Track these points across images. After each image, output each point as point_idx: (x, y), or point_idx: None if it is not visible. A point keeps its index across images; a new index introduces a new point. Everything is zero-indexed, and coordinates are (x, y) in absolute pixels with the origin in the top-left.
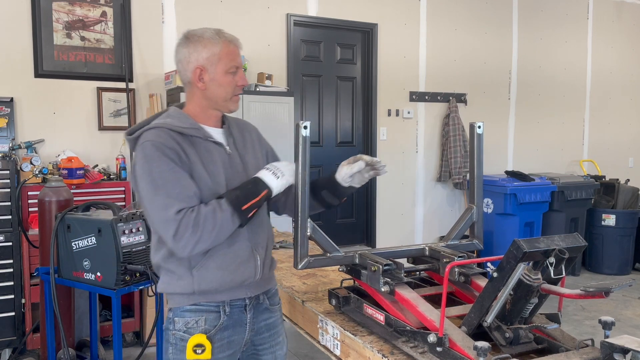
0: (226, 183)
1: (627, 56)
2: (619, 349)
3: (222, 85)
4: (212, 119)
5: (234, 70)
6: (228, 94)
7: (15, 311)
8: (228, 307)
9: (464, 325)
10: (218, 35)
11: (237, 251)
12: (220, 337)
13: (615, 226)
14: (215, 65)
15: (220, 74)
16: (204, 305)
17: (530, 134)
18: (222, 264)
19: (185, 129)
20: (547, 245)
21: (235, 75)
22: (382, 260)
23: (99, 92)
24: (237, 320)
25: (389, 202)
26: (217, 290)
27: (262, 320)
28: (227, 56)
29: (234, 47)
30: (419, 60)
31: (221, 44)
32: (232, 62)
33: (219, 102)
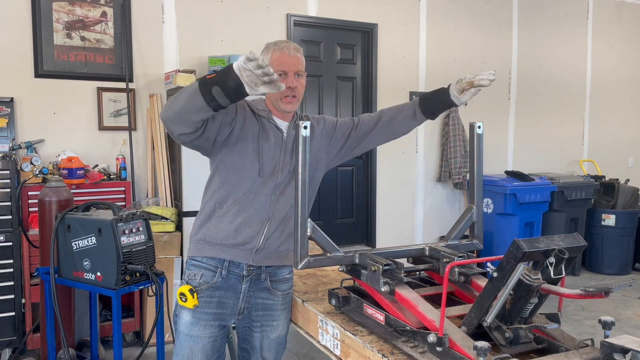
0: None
1: (627, 56)
2: (619, 349)
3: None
4: (279, 113)
5: (280, 74)
6: (277, 95)
7: (15, 311)
8: (225, 270)
9: (464, 325)
10: (275, 44)
11: (252, 213)
12: (210, 294)
13: (615, 226)
14: None
15: None
16: (205, 263)
17: (530, 134)
18: (233, 218)
19: (257, 110)
20: (547, 245)
21: (285, 79)
22: (382, 260)
23: (99, 92)
24: (231, 285)
25: (389, 202)
26: (221, 243)
27: (258, 297)
28: (275, 61)
29: (283, 55)
30: (419, 60)
31: (271, 51)
32: (277, 67)
33: (273, 101)
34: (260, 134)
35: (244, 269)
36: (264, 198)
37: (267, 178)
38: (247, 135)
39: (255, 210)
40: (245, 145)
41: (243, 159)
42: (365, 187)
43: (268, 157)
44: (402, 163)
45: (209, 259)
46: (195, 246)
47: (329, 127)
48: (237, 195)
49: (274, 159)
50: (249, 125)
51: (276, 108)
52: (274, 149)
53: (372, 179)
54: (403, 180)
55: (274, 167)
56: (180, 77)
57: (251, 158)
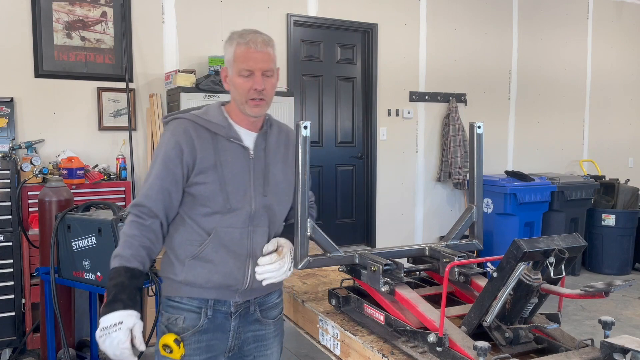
0: (237, 185)
1: (627, 56)
2: (618, 348)
3: (235, 86)
4: (244, 120)
5: (246, 74)
6: (241, 97)
7: (15, 311)
8: (210, 310)
9: (464, 325)
10: (240, 37)
11: (228, 252)
12: (197, 340)
13: (615, 226)
14: (231, 66)
15: (234, 76)
16: (186, 304)
17: (530, 134)
18: (213, 261)
19: (211, 124)
20: (547, 245)
21: (251, 79)
22: (382, 260)
23: (99, 92)
24: (219, 325)
25: (389, 202)
26: (203, 286)
27: (249, 330)
28: (239, 58)
29: (250, 50)
30: (419, 60)
31: (236, 45)
32: (242, 64)
33: (238, 104)
34: (218, 159)
35: (231, 305)
36: (238, 233)
37: (238, 209)
38: (203, 167)
39: (232, 248)
40: (204, 177)
41: (204, 192)
42: (365, 187)
43: (234, 184)
44: (402, 163)
45: (190, 299)
46: (171, 285)
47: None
48: (205, 234)
49: (242, 184)
50: (203, 153)
51: (242, 112)
52: (241, 174)
53: (372, 179)
54: (403, 180)
55: (244, 195)
56: (180, 77)
57: (212, 190)
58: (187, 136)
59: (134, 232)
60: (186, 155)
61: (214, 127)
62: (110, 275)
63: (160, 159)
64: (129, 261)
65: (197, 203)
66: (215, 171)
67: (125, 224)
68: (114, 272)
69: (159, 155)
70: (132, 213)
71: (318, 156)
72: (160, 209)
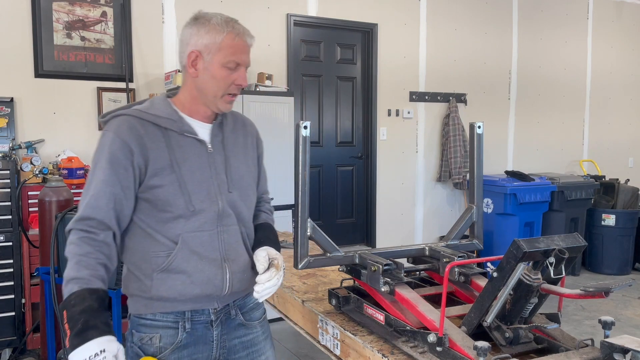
0: (199, 184)
1: (627, 56)
2: (618, 348)
3: (214, 77)
4: (201, 112)
5: (232, 66)
6: (219, 91)
7: (15, 311)
8: (188, 322)
9: (464, 325)
10: (226, 24)
11: (200, 259)
12: (178, 357)
13: (615, 226)
14: (213, 54)
15: (216, 66)
16: (160, 321)
17: (530, 134)
18: (186, 271)
19: (160, 119)
20: (547, 245)
21: (234, 72)
22: (382, 260)
23: (99, 92)
24: (200, 337)
25: (389, 202)
26: (178, 299)
27: (235, 337)
28: (228, 48)
29: (241, 42)
30: (419, 60)
31: (226, 33)
32: (231, 55)
33: (209, 96)
34: (173, 157)
35: (210, 314)
36: (207, 236)
37: (204, 210)
38: (158, 168)
39: (204, 254)
40: (160, 179)
41: (163, 196)
42: (365, 187)
43: (195, 183)
44: (402, 163)
45: (164, 315)
46: (139, 302)
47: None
48: (170, 243)
49: (204, 182)
50: (155, 152)
51: (208, 105)
52: (200, 170)
53: (372, 179)
54: (403, 180)
55: (208, 194)
56: (180, 77)
57: (172, 192)
58: (135, 134)
59: (85, 249)
60: (137, 156)
61: (163, 121)
62: (70, 302)
63: (104, 163)
64: (90, 282)
65: (155, 209)
66: (172, 171)
67: (70, 242)
68: (76, 297)
69: (102, 159)
70: (77, 229)
71: (318, 156)
72: (112, 220)
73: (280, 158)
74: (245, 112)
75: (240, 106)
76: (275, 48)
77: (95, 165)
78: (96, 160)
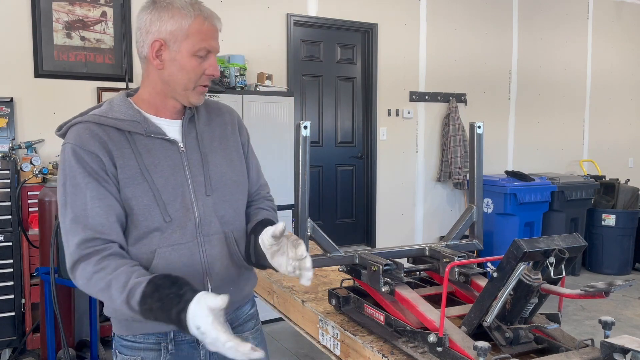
0: (173, 190)
1: (627, 56)
2: (619, 349)
3: (183, 68)
4: (169, 108)
5: (203, 54)
6: (190, 82)
7: (15, 311)
8: (172, 343)
9: (464, 325)
10: (192, 7)
11: (182, 271)
12: None
13: (615, 226)
14: (180, 42)
15: (185, 55)
16: (141, 342)
17: (530, 133)
18: None
19: (121, 122)
20: (547, 245)
21: (205, 61)
22: (382, 260)
23: (99, 92)
24: (185, 357)
25: (389, 202)
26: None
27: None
28: (197, 34)
29: (210, 26)
30: (419, 60)
31: (193, 18)
32: (202, 42)
33: (178, 89)
34: (142, 163)
35: None
36: (186, 249)
37: (179, 219)
38: (127, 177)
39: (184, 270)
40: (132, 190)
41: (137, 209)
42: (365, 187)
43: (169, 190)
44: (402, 163)
45: (145, 336)
46: (119, 323)
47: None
48: (147, 258)
49: (179, 188)
50: (122, 159)
51: (178, 99)
52: (174, 175)
53: (372, 179)
54: (403, 180)
55: (183, 200)
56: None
57: (145, 204)
58: (98, 141)
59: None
60: (107, 164)
61: (126, 124)
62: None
63: (81, 178)
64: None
65: (130, 224)
66: (143, 179)
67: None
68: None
69: (77, 175)
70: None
71: (318, 156)
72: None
73: (280, 158)
74: (245, 112)
75: (241, 106)
76: (275, 48)
77: (64, 187)
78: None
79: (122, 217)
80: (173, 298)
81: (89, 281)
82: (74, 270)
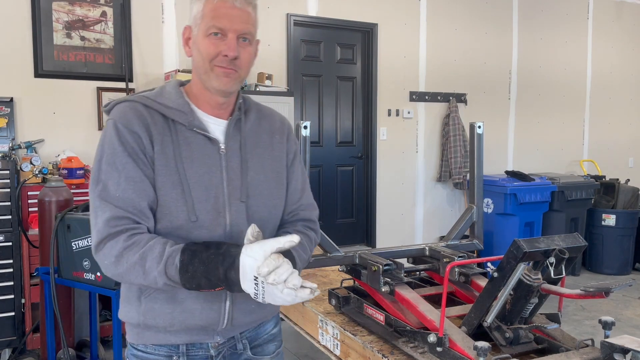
0: (205, 190)
1: (627, 56)
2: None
3: (199, 50)
4: (210, 104)
5: (215, 31)
6: (205, 64)
7: (15, 311)
8: (184, 357)
9: (464, 325)
10: None
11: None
12: None
13: (615, 226)
14: (198, 25)
15: (200, 36)
16: (152, 354)
17: (530, 133)
18: (174, 297)
19: (168, 110)
20: (547, 245)
21: (219, 41)
22: (382, 260)
23: (99, 92)
24: None
25: (389, 202)
26: (167, 329)
27: None
28: (209, 13)
29: (222, 4)
30: (419, 60)
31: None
32: (212, 20)
33: (201, 75)
34: (178, 154)
35: (209, 348)
36: None
37: (208, 222)
38: (161, 165)
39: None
40: (162, 179)
41: (162, 200)
42: (365, 187)
43: (200, 189)
44: (402, 163)
45: (157, 347)
46: (131, 330)
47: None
48: None
49: (212, 189)
50: (160, 145)
51: (205, 87)
52: (208, 174)
53: (372, 179)
54: (403, 180)
55: (215, 203)
56: (180, 77)
57: (172, 197)
58: (142, 122)
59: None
60: (146, 145)
61: (171, 112)
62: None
63: (122, 156)
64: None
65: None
66: (176, 170)
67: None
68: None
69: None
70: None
71: (318, 156)
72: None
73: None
74: None
75: None
76: (275, 48)
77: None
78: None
79: (153, 204)
80: (215, 258)
81: (119, 258)
82: (101, 248)
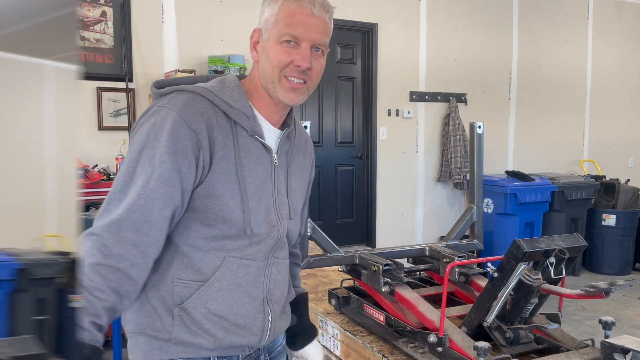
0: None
1: (627, 56)
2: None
3: (268, 57)
4: (269, 110)
5: (288, 39)
6: (274, 73)
7: None
8: None
9: (464, 325)
10: None
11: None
12: None
13: (615, 226)
14: (270, 30)
15: (271, 42)
16: None
17: (530, 133)
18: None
19: (232, 110)
20: (548, 245)
21: (292, 49)
22: (382, 260)
23: (99, 92)
24: None
25: (389, 202)
26: (203, 346)
27: None
28: (283, 19)
29: (300, 10)
30: (419, 60)
31: (282, 3)
32: (286, 27)
33: (267, 83)
34: (239, 162)
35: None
36: (256, 266)
37: (261, 235)
38: (221, 172)
39: (246, 288)
40: (222, 187)
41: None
42: (365, 187)
43: (256, 200)
44: (402, 163)
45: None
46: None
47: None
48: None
49: (265, 201)
50: (222, 151)
51: (268, 94)
52: (263, 185)
53: (372, 179)
54: (403, 180)
55: (268, 216)
56: (180, 77)
57: (231, 207)
58: (207, 122)
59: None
60: (204, 151)
61: (235, 114)
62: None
63: (164, 153)
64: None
65: (200, 223)
66: (236, 179)
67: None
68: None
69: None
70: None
71: (318, 156)
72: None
73: None
74: None
75: None
76: None
77: (144, 150)
78: (147, 144)
79: (179, 211)
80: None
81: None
82: (86, 239)
